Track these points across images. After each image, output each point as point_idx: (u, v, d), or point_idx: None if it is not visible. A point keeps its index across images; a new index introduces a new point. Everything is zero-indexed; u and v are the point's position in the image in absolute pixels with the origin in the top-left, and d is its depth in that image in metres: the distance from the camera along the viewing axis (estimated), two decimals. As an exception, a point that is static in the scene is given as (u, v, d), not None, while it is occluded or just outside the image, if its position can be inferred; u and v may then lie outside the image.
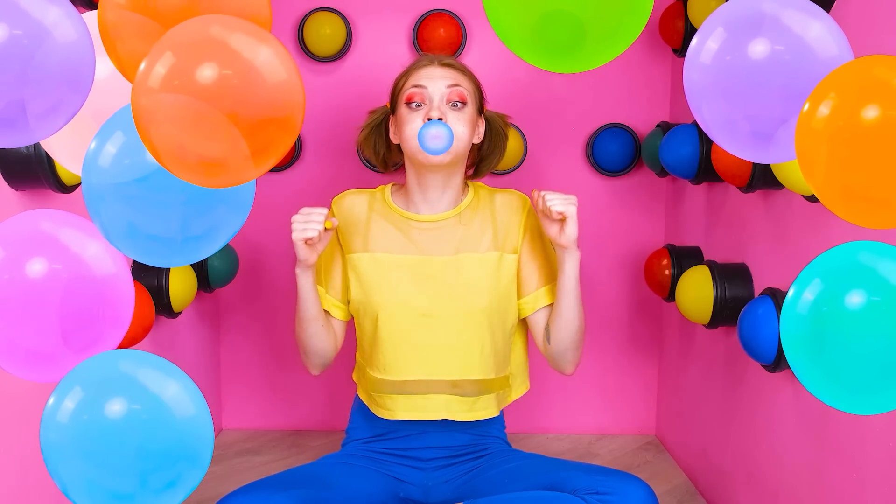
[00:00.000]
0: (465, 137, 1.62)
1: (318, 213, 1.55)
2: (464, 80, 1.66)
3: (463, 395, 1.66)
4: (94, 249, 0.97)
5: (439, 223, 1.68)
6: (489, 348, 1.67)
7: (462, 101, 1.63)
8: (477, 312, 1.65)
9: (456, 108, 1.62)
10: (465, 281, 1.65)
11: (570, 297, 1.63)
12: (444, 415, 1.66)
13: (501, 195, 1.75)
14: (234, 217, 0.98)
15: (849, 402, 0.93)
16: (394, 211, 1.70)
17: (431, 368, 1.65)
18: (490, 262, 1.67)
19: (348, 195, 1.74)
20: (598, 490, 1.46)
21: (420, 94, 1.62)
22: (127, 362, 0.96)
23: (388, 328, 1.65)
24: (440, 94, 1.62)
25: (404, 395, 1.66)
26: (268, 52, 0.84)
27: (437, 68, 1.66)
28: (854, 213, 0.89)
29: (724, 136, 0.99)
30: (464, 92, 1.64)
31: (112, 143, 0.93)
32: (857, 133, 0.84)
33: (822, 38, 0.93)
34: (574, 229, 1.57)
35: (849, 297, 0.89)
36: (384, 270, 1.66)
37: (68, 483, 0.93)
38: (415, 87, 1.63)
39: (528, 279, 1.70)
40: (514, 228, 1.70)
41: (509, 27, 0.95)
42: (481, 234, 1.69)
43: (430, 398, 1.66)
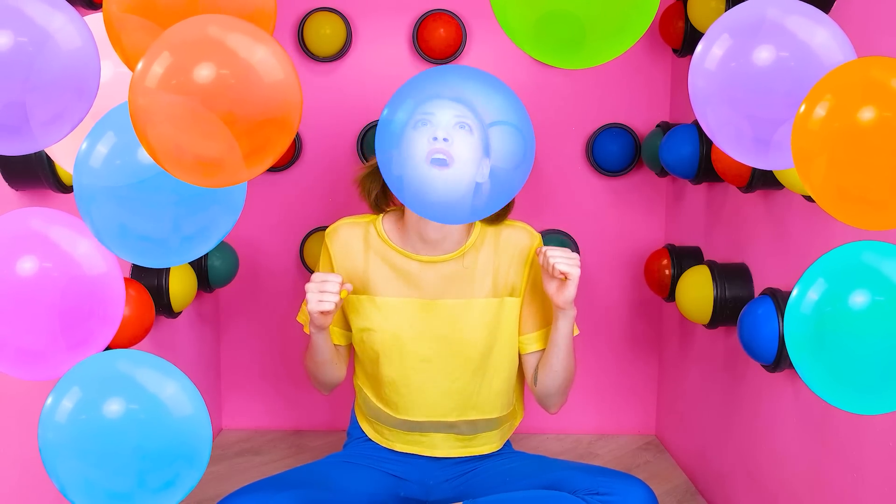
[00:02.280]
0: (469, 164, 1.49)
1: (332, 282, 1.50)
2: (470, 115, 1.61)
3: (460, 433, 1.67)
4: (85, 248, 0.97)
5: (440, 264, 1.62)
6: (487, 391, 1.66)
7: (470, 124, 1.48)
8: (473, 359, 1.63)
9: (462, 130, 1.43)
10: (462, 328, 1.61)
11: (560, 350, 1.62)
12: (441, 453, 1.68)
13: (509, 230, 1.66)
14: (225, 217, 0.98)
15: (852, 402, 0.93)
16: (391, 248, 1.63)
17: (429, 410, 1.64)
18: (489, 309, 1.63)
19: (342, 227, 1.67)
20: (598, 490, 1.46)
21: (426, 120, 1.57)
22: (125, 362, 0.96)
23: (388, 370, 1.63)
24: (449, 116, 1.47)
25: (403, 432, 1.68)
26: (265, 52, 0.84)
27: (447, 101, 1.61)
28: (850, 215, 0.89)
29: (729, 142, 0.99)
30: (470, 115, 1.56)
31: (103, 143, 0.93)
32: (853, 134, 0.84)
33: (827, 45, 0.93)
34: (573, 291, 1.54)
35: (852, 296, 0.89)
36: (384, 315, 1.62)
37: (66, 483, 0.93)
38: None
39: (526, 320, 1.67)
40: (517, 270, 1.64)
41: (514, 22, 0.95)
42: (483, 277, 1.63)
43: (427, 436, 1.67)
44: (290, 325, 2.50)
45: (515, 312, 1.65)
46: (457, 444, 1.68)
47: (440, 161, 1.25)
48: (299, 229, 2.46)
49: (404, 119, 1.13)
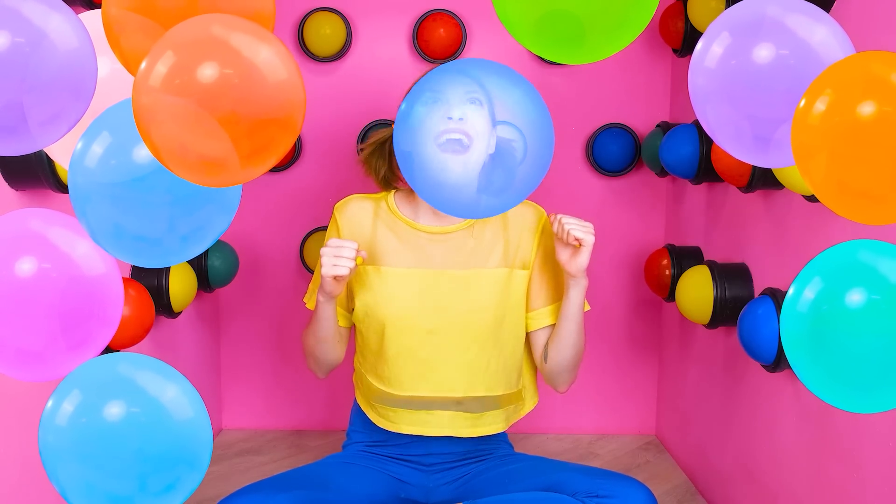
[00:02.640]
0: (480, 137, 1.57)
1: (348, 248, 1.51)
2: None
3: (467, 411, 1.66)
4: (84, 248, 0.97)
5: (449, 235, 1.64)
6: (496, 365, 1.65)
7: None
8: (483, 330, 1.62)
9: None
10: (472, 298, 1.61)
11: (572, 323, 1.62)
12: (448, 431, 1.66)
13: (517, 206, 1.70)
14: (221, 216, 0.97)
15: (849, 401, 0.93)
16: (400, 220, 1.65)
17: (436, 385, 1.63)
18: (499, 278, 1.63)
19: (352, 201, 1.69)
20: (597, 493, 1.46)
21: None
22: (126, 365, 0.96)
23: (394, 344, 1.63)
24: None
25: (408, 410, 1.66)
26: (268, 52, 0.84)
27: None
28: (851, 210, 0.89)
29: (729, 140, 0.99)
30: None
31: (99, 143, 0.93)
32: (853, 129, 0.84)
33: (827, 42, 0.93)
34: (586, 258, 1.55)
35: (849, 295, 0.89)
36: (391, 285, 1.62)
37: (67, 486, 0.93)
38: None
39: (536, 296, 1.68)
40: (526, 244, 1.66)
41: (515, 17, 0.95)
42: (492, 248, 1.64)
43: (433, 414, 1.65)
44: (291, 325, 2.50)
45: (524, 286, 1.66)
46: (464, 423, 1.67)
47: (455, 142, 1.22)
48: (299, 229, 2.46)
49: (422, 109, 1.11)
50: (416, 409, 1.65)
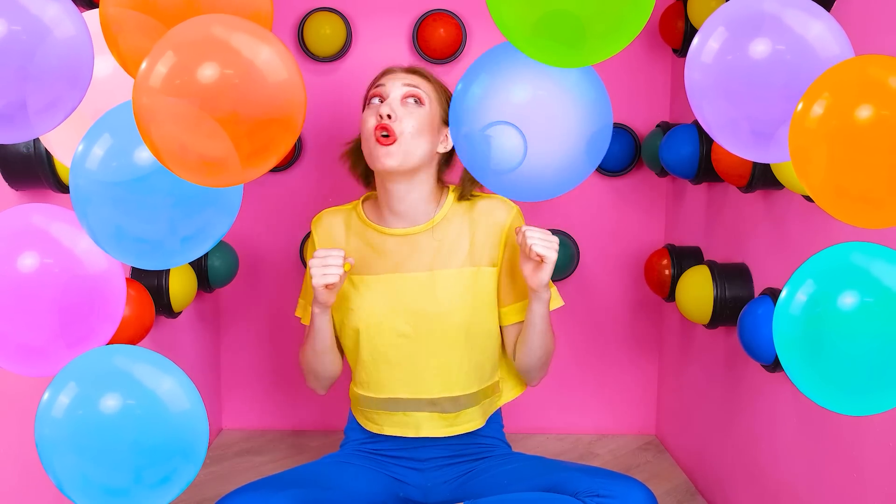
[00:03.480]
0: (415, 135, 1.57)
1: (334, 256, 1.53)
2: (426, 84, 1.64)
3: (443, 411, 1.67)
4: (86, 244, 0.97)
5: (411, 237, 1.66)
6: (469, 363, 1.66)
7: (418, 100, 1.60)
8: (453, 330, 1.63)
9: (410, 107, 1.59)
10: (439, 299, 1.62)
11: (536, 331, 1.63)
12: (426, 432, 1.67)
13: (484, 202, 1.69)
14: (222, 218, 0.98)
15: (842, 403, 0.93)
16: (367, 226, 1.68)
17: (411, 387, 1.65)
18: (465, 277, 1.64)
19: (325, 215, 1.74)
20: (598, 493, 1.46)
21: (378, 92, 1.62)
22: (121, 357, 0.96)
23: (367, 348, 1.65)
24: (399, 92, 1.60)
25: (388, 412, 1.68)
26: (269, 52, 0.84)
27: (400, 73, 1.65)
28: (848, 213, 0.89)
29: (726, 136, 0.99)
30: (420, 93, 1.61)
31: (100, 145, 0.93)
32: (851, 132, 0.84)
33: (824, 38, 0.93)
34: (548, 274, 1.54)
35: (841, 297, 0.89)
36: (361, 292, 1.65)
37: (63, 478, 0.93)
38: (375, 87, 1.64)
39: (505, 293, 1.69)
40: (494, 240, 1.66)
41: (511, 21, 0.95)
42: (456, 247, 1.65)
43: (410, 416, 1.67)
44: (291, 326, 2.50)
45: (492, 283, 1.67)
46: (441, 424, 1.68)
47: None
48: (299, 229, 2.46)
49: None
50: (394, 412, 1.67)
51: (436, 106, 1.63)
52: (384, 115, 1.57)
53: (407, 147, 1.57)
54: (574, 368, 2.52)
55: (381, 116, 1.57)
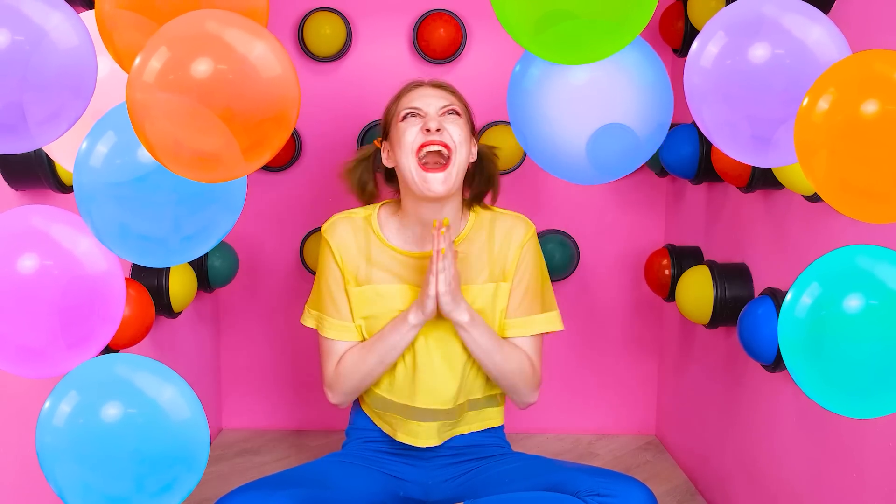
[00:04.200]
0: (465, 145, 1.56)
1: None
2: (455, 100, 1.63)
3: (450, 418, 1.68)
4: (86, 246, 0.97)
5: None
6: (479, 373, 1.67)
7: (458, 112, 1.60)
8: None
9: (451, 117, 1.58)
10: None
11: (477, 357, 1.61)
12: (434, 442, 1.67)
13: (502, 219, 1.69)
14: (226, 216, 0.98)
15: (846, 406, 0.93)
16: (387, 247, 1.65)
17: (428, 398, 1.63)
18: (487, 293, 1.65)
19: (339, 222, 1.68)
20: (599, 492, 1.46)
21: (415, 110, 1.58)
22: (123, 366, 0.96)
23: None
24: (437, 107, 1.58)
25: (402, 419, 1.67)
26: (263, 47, 0.84)
27: (430, 88, 1.62)
28: (853, 208, 0.89)
29: (725, 140, 0.99)
30: (458, 110, 1.60)
31: (103, 142, 0.93)
32: (856, 127, 0.84)
33: (823, 42, 0.93)
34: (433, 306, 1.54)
35: (847, 300, 0.89)
36: (386, 301, 1.64)
37: (64, 487, 0.93)
38: (410, 108, 1.59)
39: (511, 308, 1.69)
40: (510, 257, 1.66)
41: (515, 19, 0.95)
42: (479, 264, 1.65)
43: (423, 426, 1.66)
44: (291, 326, 2.50)
45: (507, 296, 1.67)
46: (446, 429, 1.69)
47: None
48: (299, 229, 2.46)
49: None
50: (409, 420, 1.67)
51: (467, 116, 1.63)
52: (433, 129, 1.54)
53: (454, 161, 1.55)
54: (574, 368, 2.52)
55: (427, 131, 1.54)
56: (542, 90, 1.05)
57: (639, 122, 1.06)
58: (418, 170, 1.54)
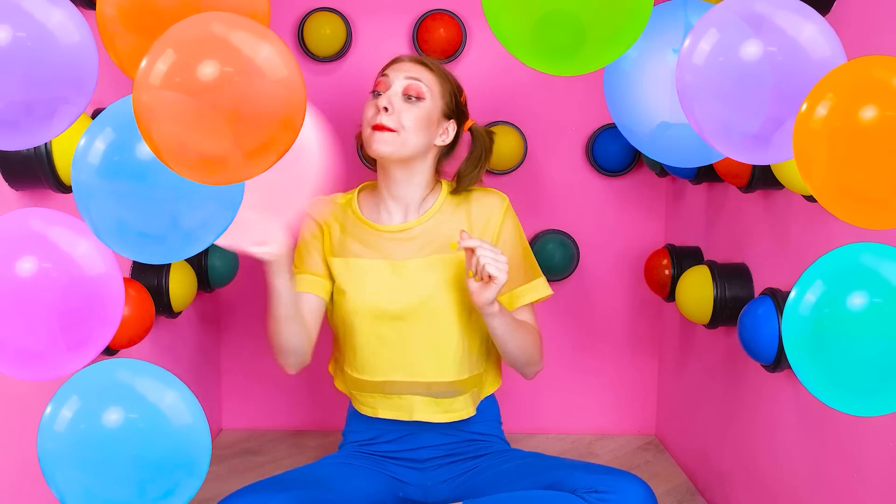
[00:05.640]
0: (411, 129, 1.62)
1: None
2: (430, 77, 1.66)
3: (437, 396, 1.67)
4: (84, 248, 0.97)
5: (409, 230, 1.69)
6: (461, 349, 1.67)
7: (418, 96, 1.64)
8: (447, 313, 1.65)
9: (409, 102, 1.64)
10: (434, 282, 1.65)
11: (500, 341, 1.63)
12: (420, 416, 1.68)
13: (479, 194, 1.74)
14: (224, 213, 0.98)
15: (850, 404, 0.93)
16: (363, 224, 1.71)
17: (406, 371, 1.65)
18: (458, 262, 1.66)
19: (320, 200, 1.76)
20: (597, 489, 1.46)
21: (382, 83, 1.66)
22: (124, 371, 0.96)
23: (362, 331, 1.66)
24: (400, 85, 1.64)
25: (384, 395, 1.68)
26: (269, 50, 0.84)
27: (407, 62, 1.68)
28: (851, 214, 0.89)
29: (717, 138, 0.99)
30: (421, 87, 1.64)
31: (102, 139, 0.93)
32: (855, 133, 0.84)
33: (815, 39, 0.93)
34: (493, 294, 1.51)
35: (851, 298, 0.89)
36: (357, 274, 1.67)
37: (65, 492, 0.93)
38: (379, 76, 1.68)
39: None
40: (490, 229, 1.70)
41: (508, 29, 0.95)
42: (452, 236, 1.68)
43: (405, 398, 1.67)
44: (290, 325, 2.50)
45: None
46: (436, 409, 1.69)
47: None
48: (299, 229, 2.45)
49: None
50: (389, 395, 1.67)
51: (437, 100, 1.67)
52: (381, 107, 1.62)
53: (403, 139, 1.62)
54: (574, 368, 2.52)
55: (378, 109, 1.63)
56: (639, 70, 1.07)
57: None
58: (371, 134, 1.63)
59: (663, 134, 1.13)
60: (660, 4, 1.12)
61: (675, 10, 1.12)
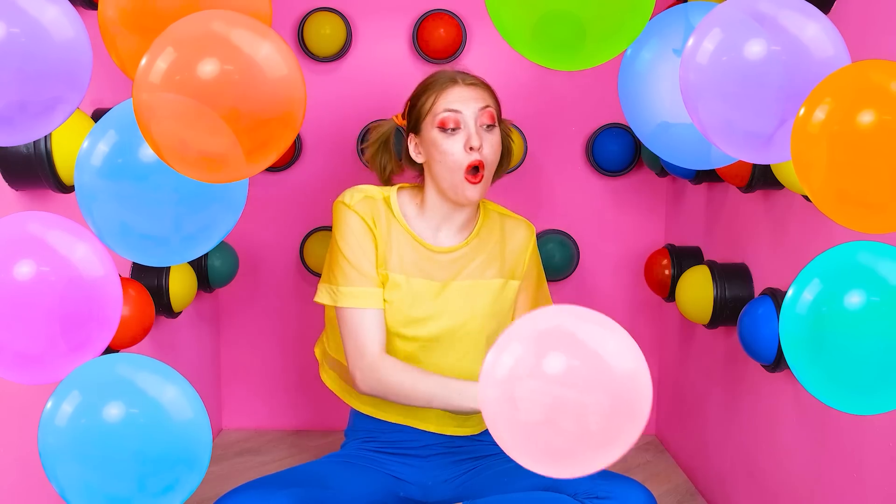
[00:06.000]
0: (493, 163, 1.61)
1: None
2: (490, 98, 1.63)
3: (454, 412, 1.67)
4: (82, 252, 0.97)
5: (451, 254, 1.68)
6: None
7: (493, 123, 1.61)
8: (479, 338, 1.67)
9: (489, 131, 1.60)
10: (471, 307, 1.66)
11: None
12: (434, 427, 1.69)
13: (510, 221, 1.75)
14: (227, 215, 0.98)
15: (848, 403, 0.93)
16: (410, 236, 1.66)
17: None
18: (494, 288, 1.69)
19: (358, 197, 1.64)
20: (597, 494, 1.46)
21: (455, 119, 1.58)
22: (125, 366, 0.96)
23: (392, 346, 1.65)
24: (473, 117, 1.58)
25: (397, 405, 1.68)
26: (269, 48, 0.84)
27: (466, 89, 1.61)
28: (849, 218, 0.89)
29: (721, 137, 0.99)
30: (493, 112, 1.61)
31: (105, 141, 0.93)
32: (852, 137, 0.84)
33: (819, 39, 0.93)
34: None
35: (848, 297, 0.89)
36: (401, 292, 1.64)
37: (66, 487, 0.93)
38: (448, 111, 1.58)
39: (521, 305, 1.75)
40: (520, 257, 1.73)
41: (511, 24, 0.95)
42: (490, 260, 1.69)
43: (420, 410, 1.67)
44: (291, 326, 2.50)
45: (514, 295, 1.73)
46: (451, 423, 1.70)
47: None
48: (299, 229, 2.45)
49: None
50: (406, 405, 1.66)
51: (497, 112, 1.65)
52: (475, 147, 1.56)
53: (489, 176, 1.60)
54: (574, 368, 2.52)
55: (471, 149, 1.56)
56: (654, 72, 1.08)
57: None
58: (462, 182, 1.58)
59: (670, 134, 1.14)
60: (672, 7, 1.12)
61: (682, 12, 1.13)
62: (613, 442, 0.81)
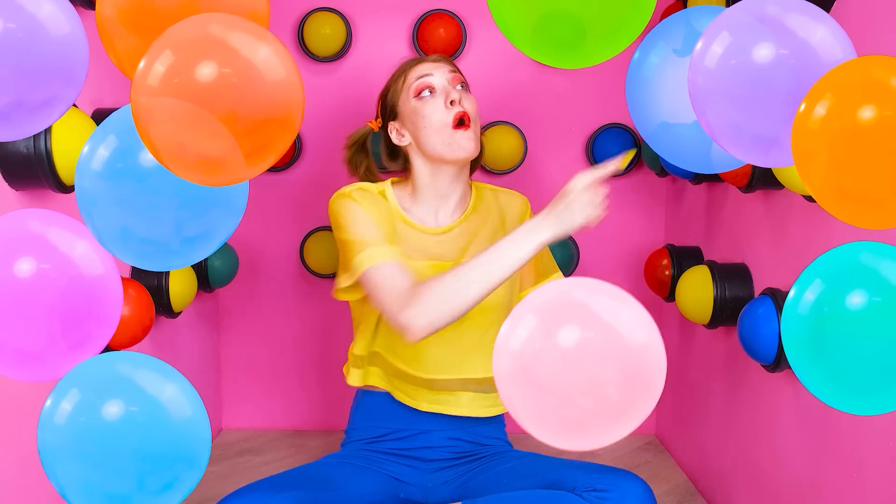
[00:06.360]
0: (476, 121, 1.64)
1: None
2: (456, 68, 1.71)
3: (487, 391, 1.69)
4: (82, 249, 0.97)
5: (449, 233, 1.69)
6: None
7: (466, 84, 1.67)
8: (496, 308, 1.67)
9: (465, 90, 1.66)
10: None
11: None
12: (466, 412, 1.69)
13: (504, 195, 1.78)
14: (227, 220, 0.98)
15: (850, 403, 0.93)
16: (410, 225, 1.68)
17: (459, 368, 1.66)
18: None
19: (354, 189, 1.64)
20: (595, 487, 1.46)
21: (429, 85, 1.64)
22: (124, 364, 0.96)
23: None
24: (446, 80, 1.65)
25: (430, 391, 1.67)
26: (267, 51, 0.84)
27: (432, 63, 1.69)
28: (850, 214, 0.89)
29: (729, 140, 0.99)
30: (463, 79, 1.68)
31: (105, 146, 0.93)
32: (853, 133, 0.84)
33: (827, 42, 0.93)
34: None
35: (850, 297, 0.90)
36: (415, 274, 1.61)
37: (65, 485, 0.93)
38: (421, 78, 1.65)
39: (524, 277, 1.76)
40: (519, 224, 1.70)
41: (512, 23, 0.95)
42: (494, 231, 1.71)
43: (455, 394, 1.68)
44: (291, 325, 2.50)
45: None
46: (484, 404, 1.70)
47: None
48: (299, 229, 2.45)
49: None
50: (439, 391, 1.67)
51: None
52: (457, 100, 1.61)
53: (476, 130, 1.63)
54: (574, 368, 2.52)
55: (451, 103, 1.61)
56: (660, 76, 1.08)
57: None
58: (452, 134, 1.60)
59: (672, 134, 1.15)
60: (678, 12, 1.13)
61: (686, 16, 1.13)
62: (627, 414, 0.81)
